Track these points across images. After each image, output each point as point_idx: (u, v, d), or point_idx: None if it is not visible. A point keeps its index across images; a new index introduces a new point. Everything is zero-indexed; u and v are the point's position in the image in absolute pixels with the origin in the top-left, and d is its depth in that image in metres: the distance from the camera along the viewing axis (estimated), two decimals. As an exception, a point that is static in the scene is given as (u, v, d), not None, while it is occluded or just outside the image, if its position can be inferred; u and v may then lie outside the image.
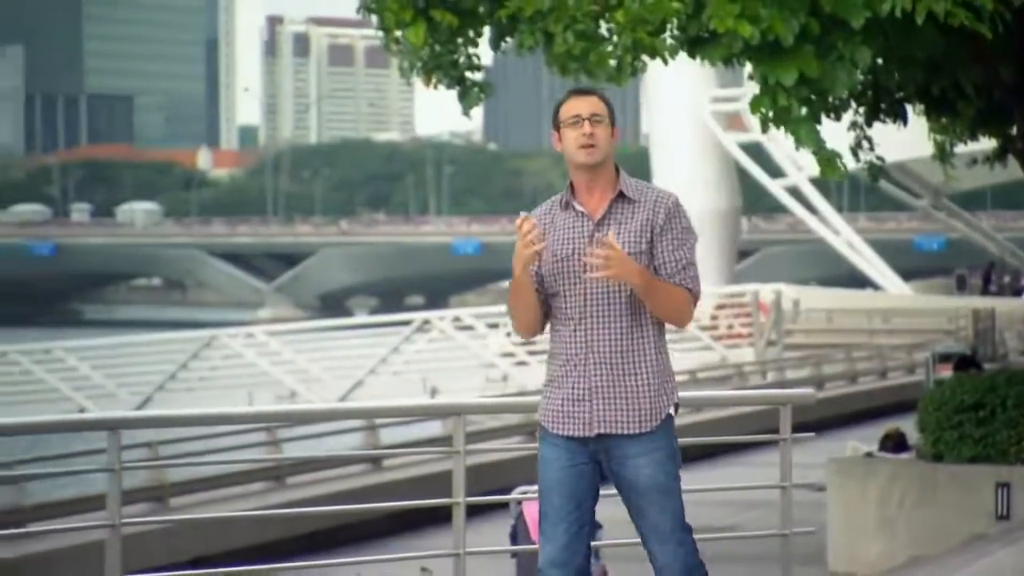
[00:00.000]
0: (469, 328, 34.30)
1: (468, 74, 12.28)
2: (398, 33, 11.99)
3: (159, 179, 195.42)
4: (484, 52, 12.52)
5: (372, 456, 16.56)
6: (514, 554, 9.35)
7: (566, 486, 6.64)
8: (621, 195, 6.71)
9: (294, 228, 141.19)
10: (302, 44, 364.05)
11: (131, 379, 33.27)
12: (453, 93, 12.45)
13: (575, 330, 6.64)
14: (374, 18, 12.12)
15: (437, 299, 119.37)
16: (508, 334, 34.24)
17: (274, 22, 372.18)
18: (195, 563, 12.92)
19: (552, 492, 6.66)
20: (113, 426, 7.50)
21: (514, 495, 9.24)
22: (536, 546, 6.74)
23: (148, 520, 11.82)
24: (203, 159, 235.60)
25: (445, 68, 12.13)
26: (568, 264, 6.63)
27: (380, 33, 12.19)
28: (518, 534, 9.22)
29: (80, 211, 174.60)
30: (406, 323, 34.96)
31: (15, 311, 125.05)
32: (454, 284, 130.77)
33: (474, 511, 8.17)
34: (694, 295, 6.71)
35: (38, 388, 32.44)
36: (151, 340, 36.58)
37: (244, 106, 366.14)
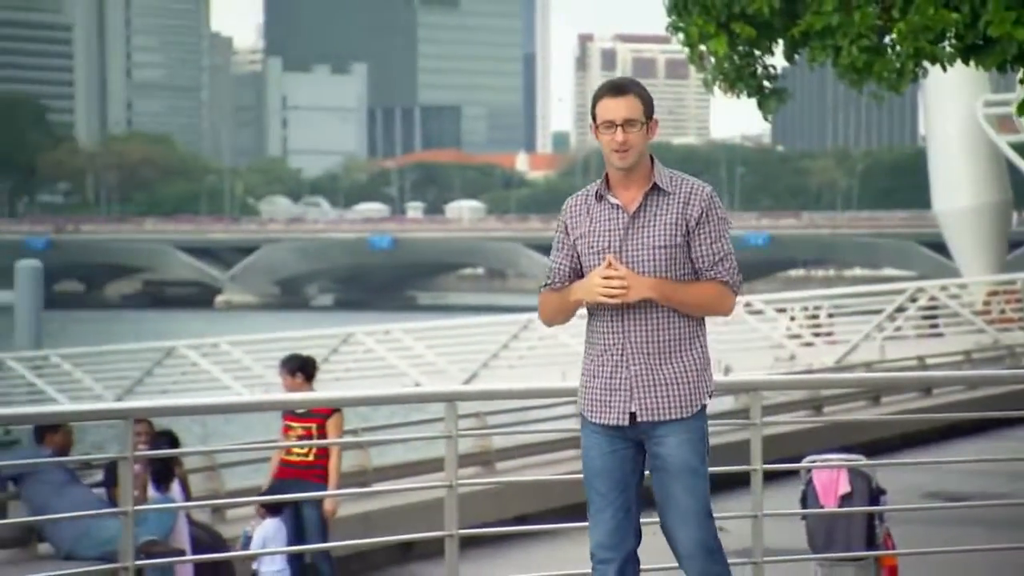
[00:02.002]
0: (759, 312, 33.98)
1: (765, 83, 12.21)
2: (702, 47, 11.98)
3: (483, 180, 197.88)
4: (778, 60, 12.44)
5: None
6: (804, 517, 9.26)
7: (609, 472, 6.23)
8: (655, 187, 6.22)
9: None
10: (609, 58, 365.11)
11: (460, 357, 33.66)
12: (744, 100, 12.38)
13: (612, 321, 6.20)
14: (680, 35, 12.11)
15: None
16: (792, 318, 33.95)
17: (584, 39, 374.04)
18: (517, 520, 13.04)
19: (596, 479, 6.26)
20: (451, 398, 7.74)
21: (804, 463, 9.15)
22: (825, 509, 6.60)
23: (480, 482, 12.02)
24: (521, 162, 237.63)
25: (745, 78, 12.06)
26: (604, 257, 6.18)
27: (683, 47, 12.18)
28: (808, 498, 9.12)
29: (415, 208, 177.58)
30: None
31: (358, 297, 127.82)
32: (746, 272, 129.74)
33: (768, 477, 8.12)
34: (731, 286, 6.22)
35: (380, 365, 33.02)
36: (476, 323, 36.93)
37: (557, 114, 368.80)
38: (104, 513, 9.40)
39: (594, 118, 6.26)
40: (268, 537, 10.56)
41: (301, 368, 11.12)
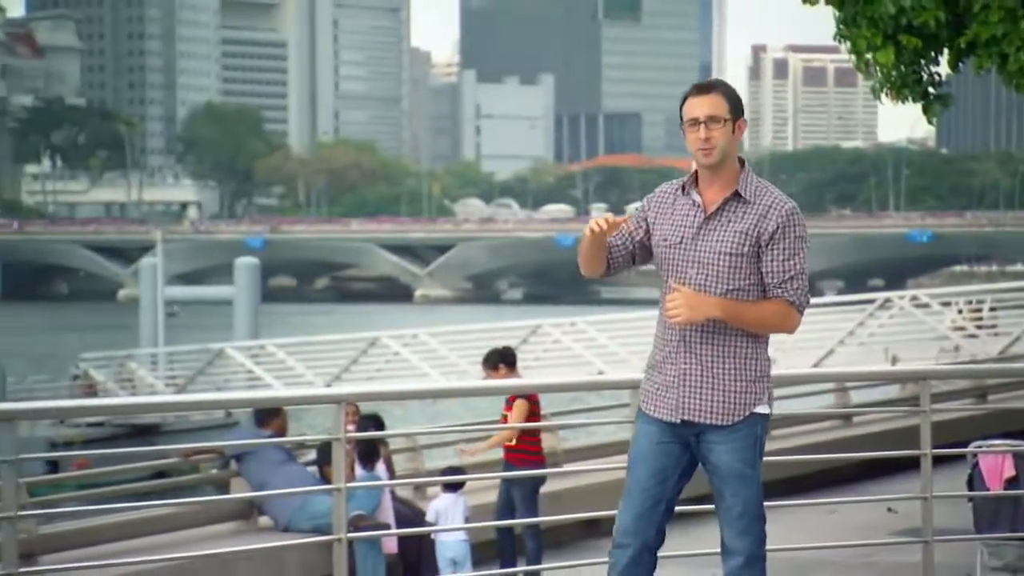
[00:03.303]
0: (925, 306, 33.44)
1: (930, 89, 12.02)
2: (868, 56, 11.83)
3: (662, 181, 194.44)
4: (942, 68, 12.24)
5: (845, 413, 16.32)
6: (970, 499, 9.10)
7: (650, 461, 5.88)
8: (736, 194, 5.83)
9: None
10: (781, 68, 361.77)
11: (641, 347, 33.61)
12: (910, 105, 12.20)
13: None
14: (849, 46, 11.98)
15: (895, 281, 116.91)
16: (960, 311, 33.34)
17: (758, 49, 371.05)
18: (695, 500, 12.97)
19: (636, 465, 5.92)
20: (635, 386, 7.62)
21: (971, 448, 9.01)
22: (991, 492, 6.45)
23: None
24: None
25: (911, 86, 11.87)
26: (676, 252, 5.85)
27: (851, 56, 12.04)
28: (974, 482, 8.96)
29: (598, 209, 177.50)
30: (869, 302, 34.31)
31: (546, 292, 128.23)
32: (910, 268, 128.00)
33: (936, 461, 8.01)
34: (797, 307, 5.82)
35: (566, 355, 33.08)
36: (654, 316, 36.88)
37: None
38: (318, 490, 9.55)
39: (681, 119, 6.00)
40: (441, 510, 10.64)
41: (502, 359, 11.19)
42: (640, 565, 5.94)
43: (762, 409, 5.89)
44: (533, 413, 10.83)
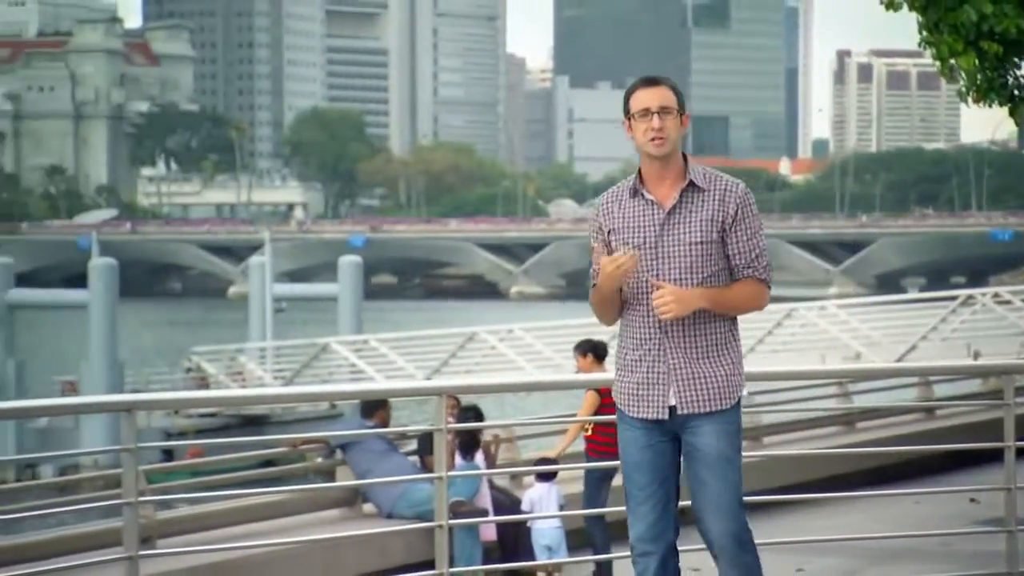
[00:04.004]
0: (1006, 303, 33.05)
1: (1016, 92, 11.89)
2: (951, 61, 11.73)
3: (748, 183, 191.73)
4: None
5: (928, 407, 16.18)
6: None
7: (647, 466, 5.72)
8: (691, 184, 5.70)
9: (857, 221, 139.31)
10: (865, 72, 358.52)
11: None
12: (995, 108, 12.07)
13: (648, 315, 5.66)
14: (932, 51, 11.87)
15: (978, 279, 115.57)
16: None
17: (842, 55, 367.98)
18: (781, 490, 12.92)
19: (634, 472, 5.75)
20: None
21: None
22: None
23: (749, 455, 11.91)
24: (783, 166, 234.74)
25: (997, 89, 11.74)
26: (641, 253, 5.64)
27: (936, 62, 11.93)
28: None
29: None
30: (952, 298, 34.00)
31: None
32: (992, 266, 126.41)
33: (1020, 453, 7.92)
34: (767, 283, 5.72)
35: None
36: (743, 311, 36.64)
37: (817, 123, 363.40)
38: (421, 478, 9.60)
39: (627, 113, 5.72)
40: (535, 499, 10.64)
41: (592, 350, 11.18)
42: (667, 567, 5.82)
43: (741, 394, 5.78)
44: (604, 406, 10.80)
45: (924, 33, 11.97)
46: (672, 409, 5.71)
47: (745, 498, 5.81)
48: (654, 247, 5.68)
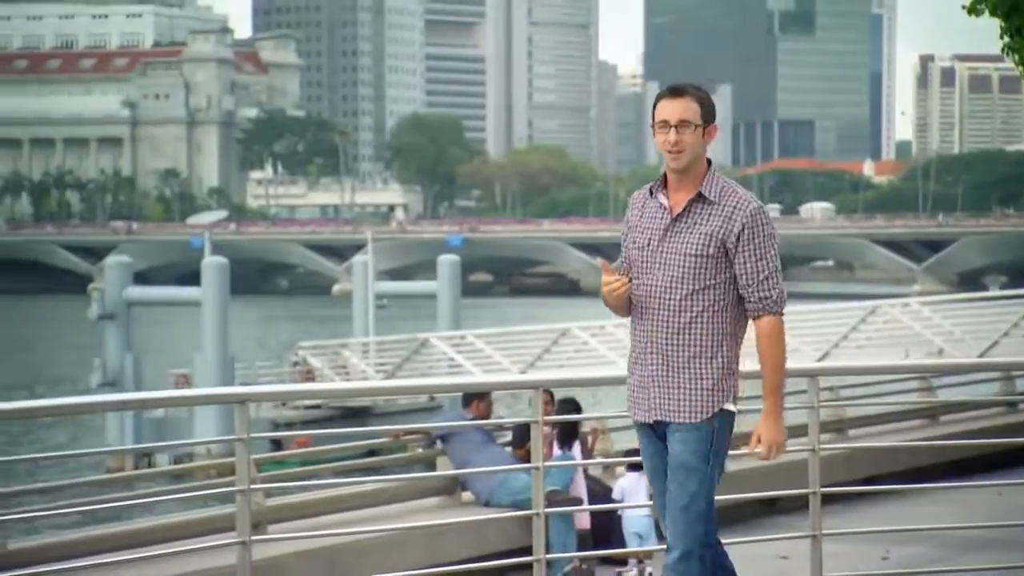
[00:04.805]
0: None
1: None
2: (1032, 65, 11.61)
3: (833, 184, 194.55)
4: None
5: (1010, 401, 15.95)
6: None
7: (660, 473, 5.62)
8: (700, 195, 5.49)
9: (940, 221, 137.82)
10: (948, 76, 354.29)
11: (814, 338, 33.19)
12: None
13: (640, 319, 5.56)
14: (1014, 56, 11.74)
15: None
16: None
17: (925, 59, 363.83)
18: (866, 481, 12.81)
19: (653, 479, 5.69)
20: (813, 374, 7.70)
21: None
22: None
23: (839, 447, 11.84)
24: (867, 168, 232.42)
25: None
26: (643, 254, 5.53)
27: (1019, 67, 11.79)
28: None
29: (772, 209, 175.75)
30: (1034, 295, 33.59)
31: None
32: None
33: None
34: (773, 312, 5.48)
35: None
36: (827, 308, 36.39)
37: (900, 126, 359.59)
38: (519, 468, 9.61)
39: (653, 119, 5.62)
40: (626, 488, 10.61)
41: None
42: (703, 562, 5.62)
43: (728, 406, 5.56)
44: None
45: (1006, 39, 11.84)
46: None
47: (831, 488, 5.75)
48: (655, 251, 5.56)
